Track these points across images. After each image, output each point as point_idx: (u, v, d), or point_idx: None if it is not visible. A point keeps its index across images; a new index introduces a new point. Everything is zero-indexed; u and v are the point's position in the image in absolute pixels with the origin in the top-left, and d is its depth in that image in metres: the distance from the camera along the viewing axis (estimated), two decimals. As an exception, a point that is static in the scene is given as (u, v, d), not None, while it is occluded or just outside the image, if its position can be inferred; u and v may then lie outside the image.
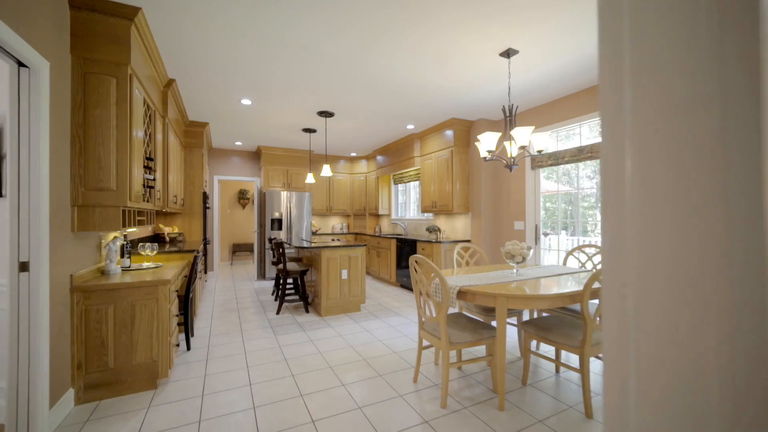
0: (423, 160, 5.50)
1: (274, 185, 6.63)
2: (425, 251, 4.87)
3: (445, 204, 4.93)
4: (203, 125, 4.88)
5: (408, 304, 4.54)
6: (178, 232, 4.58)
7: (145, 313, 2.26)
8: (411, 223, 6.36)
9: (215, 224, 6.69)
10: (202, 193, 4.94)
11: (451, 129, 4.80)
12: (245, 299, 4.86)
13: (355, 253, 4.22)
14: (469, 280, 2.38)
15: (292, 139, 5.95)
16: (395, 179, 7.00)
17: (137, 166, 2.43)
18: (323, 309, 4.02)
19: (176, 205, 4.01)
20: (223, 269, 7.74)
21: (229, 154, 6.85)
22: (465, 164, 4.89)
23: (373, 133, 5.57)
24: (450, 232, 5.30)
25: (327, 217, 7.86)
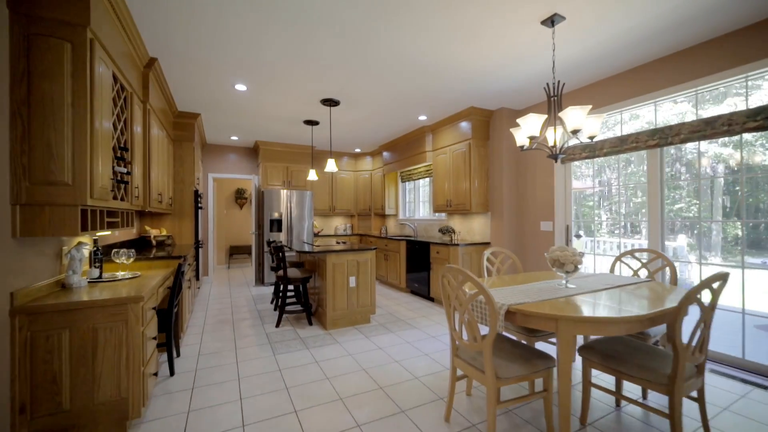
0: (435, 155, 5.04)
1: (273, 183, 6.17)
2: (440, 255, 4.41)
3: (462, 203, 4.48)
4: (194, 116, 4.42)
5: (422, 314, 4.08)
6: (167, 235, 4.12)
7: (111, 339, 1.80)
8: (421, 224, 5.90)
9: (210, 225, 6.23)
10: (193, 191, 4.48)
11: (469, 120, 4.34)
12: (241, 308, 4.40)
13: (364, 258, 3.76)
14: (514, 295, 1.93)
15: (293, 132, 5.49)
16: (403, 177, 6.55)
17: (103, 155, 1.97)
18: (328, 321, 3.56)
19: (162, 205, 3.55)
20: (219, 273, 7.28)
21: (225, 150, 6.39)
22: (484, 159, 4.43)
23: (381, 125, 5.11)
24: (466, 233, 4.84)
25: (330, 217, 7.40)
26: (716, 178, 2.82)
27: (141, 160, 2.85)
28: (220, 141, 6.09)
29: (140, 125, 2.83)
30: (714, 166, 2.84)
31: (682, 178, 3.03)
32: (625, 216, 3.40)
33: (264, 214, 5.88)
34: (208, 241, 6.20)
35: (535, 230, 4.11)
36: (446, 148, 4.79)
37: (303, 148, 6.39)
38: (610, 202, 3.54)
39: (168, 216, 4.33)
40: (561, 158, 2.33)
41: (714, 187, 2.84)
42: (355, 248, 3.71)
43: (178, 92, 3.74)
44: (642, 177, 3.23)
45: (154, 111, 3.23)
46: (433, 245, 4.58)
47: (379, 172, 6.83)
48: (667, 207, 3.06)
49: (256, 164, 6.65)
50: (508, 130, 4.26)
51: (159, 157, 3.46)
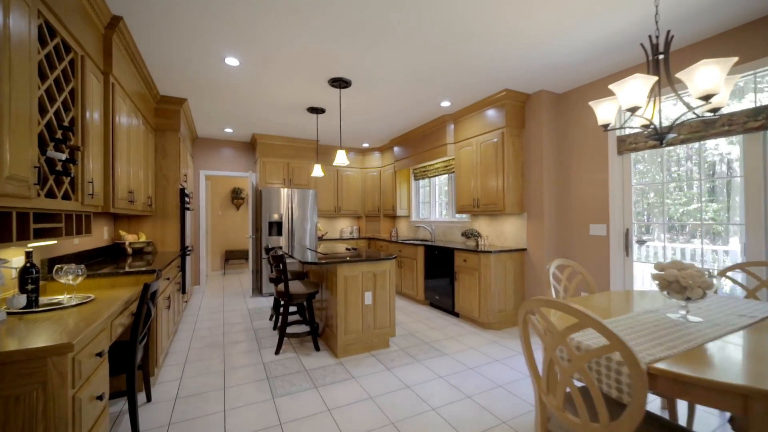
0: (458, 148, 4.40)
1: (273, 181, 5.52)
2: (468, 263, 3.76)
3: (493, 202, 3.83)
4: (179, 102, 3.77)
5: (449, 334, 3.44)
6: (146, 241, 3.47)
7: (19, 413, 1.16)
8: (439, 226, 5.26)
9: (202, 228, 5.58)
10: (179, 189, 3.83)
11: (502, 105, 3.70)
12: (236, 327, 3.75)
13: (382, 269, 3.12)
14: (625, 334, 1.28)
15: (295, 123, 4.84)
16: (416, 174, 5.90)
17: (15, 130, 1.32)
18: (340, 347, 2.92)
19: (136, 206, 2.91)
20: (213, 281, 6.63)
21: (218, 144, 5.74)
22: (519, 150, 3.79)
23: (396, 114, 4.47)
24: (495, 237, 4.19)
25: (335, 219, 6.76)
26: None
27: (100, 147, 2.20)
28: (212, 134, 5.44)
29: (99, 102, 2.18)
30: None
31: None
32: (694, 218, 2.76)
33: (262, 215, 5.23)
34: (199, 247, 5.55)
35: (582, 235, 3.47)
36: (472, 139, 4.14)
37: (305, 142, 5.75)
38: (674, 202, 2.90)
39: (148, 219, 3.69)
40: (668, 139, 1.69)
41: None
42: (371, 257, 3.06)
43: (157, 68, 3.09)
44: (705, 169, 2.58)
45: (124, 90, 2.59)
46: (458, 252, 3.93)
47: (389, 169, 6.19)
48: None
49: (253, 160, 6.01)
50: (548, 116, 3.62)
51: (132, 147, 2.82)
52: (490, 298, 3.55)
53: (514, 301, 3.72)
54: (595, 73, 3.20)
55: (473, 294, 3.69)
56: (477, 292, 3.65)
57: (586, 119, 3.44)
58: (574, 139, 3.55)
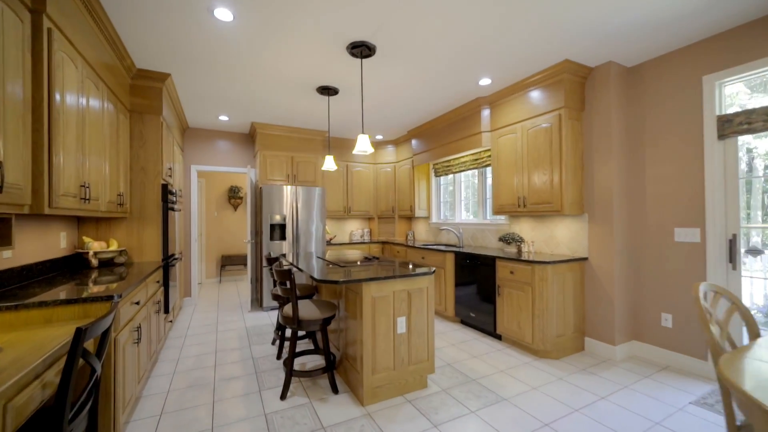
0: (497, 137, 3.70)
1: (275, 178, 4.82)
2: (517, 275, 3.06)
3: (546, 201, 3.13)
4: (161, 77, 3.07)
5: (498, 366, 2.73)
6: (117, 250, 2.77)
7: None
8: (466, 229, 4.56)
9: (194, 231, 4.87)
10: (161, 185, 3.12)
11: (559, 81, 3.01)
12: (231, 354, 3.05)
13: (419, 286, 2.42)
14: None
15: (301, 109, 4.14)
16: (437, 170, 5.21)
17: None
18: (366, 390, 2.21)
19: (91, 204, 2.20)
20: (207, 290, 5.91)
21: (212, 136, 5.04)
22: (578, 138, 3.10)
23: (420, 97, 3.77)
24: (543, 243, 3.49)
25: (343, 220, 6.05)
26: None
27: (19, 126, 1.50)
28: (205, 123, 4.73)
29: (17, 58, 1.48)
30: None
31: None
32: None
33: (262, 217, 4.53)
34: (190, 252, 4.85)
35: (663, 241, 2.78)
36: (516, 125, 3.44)
37: (312, 132, 5.05)
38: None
39: (122, 222, 2.98)
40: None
41: None
42: (407, 274, 2.35)
43: (125, 24, 2.39)
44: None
45: (77, 50, 1.89)
46: (501, 261, 3.23)
47: (406, 164, 5.49)
48: None
49: (252, 154, 5.30)
50: (617, 94, 2.93)
51: (91, 131, 2.11)
52: (548, 319, 2.85)
53: (573, 323, 3.02)
54: (689, 34, 2.51)
55: (524, 314, 2.99)
56: (529, 311, 2.95)
57: (668, 97, 2.74)
58: (651, 123, 2.85)
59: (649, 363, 2.79)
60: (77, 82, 1.94)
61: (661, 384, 2.43)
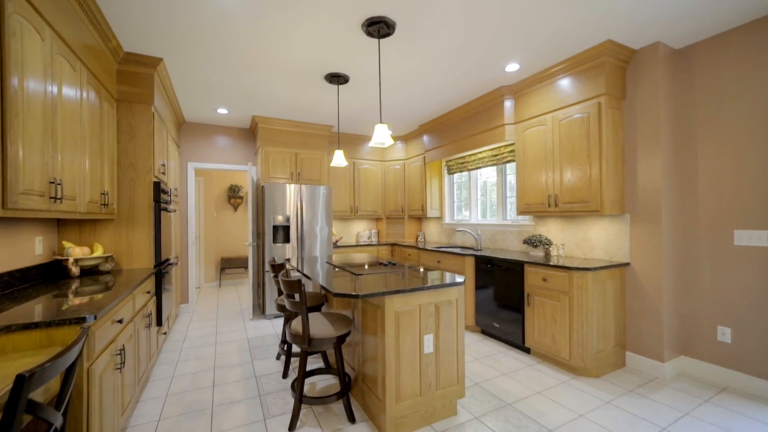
0: (522, 130, 3.37)
1: (277, 176, 4.50)
2: (550, 283, 2.74)
3: (582, 199, 2.81)
4: (152, 63, 2.75)
5: (531, 386, 2.41)
6: (102, 256, 2.45)
7: None
8: (485, 231, 4.23)
9: (191, 233, 4.55)
10: (152, 183, 2.80)
11: (600, 65, 2.68)
12: (231, 372, 2.73)
13: (448, 298, 2.10)
14: None
15: (307, 100, 3.82)
16: (451, 167, 4.88)
17: None
18: (389, 421, 1.89)
19: (64, 205, 1.88)
20: (206, 295, 5.60)
21: (211, 131, 4.71)
22: (618, 129, 2.77)
23: (438, 86, 3.45)
24: (575, 246, 3.17)
25: (350, 221, 5.73)
26: None
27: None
28: (202, 117, 4.41)
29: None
30: None
31: None
32: None
33: (264, 217, 4.21)
34: (188, 256, 4.53)
35: (720, 245, 2.45)
36: (546, 116, 3.12)
37: (318, 127, 4.72)
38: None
39: (109, 224, 2.66)
40: None
41: None
42: (436, 285, 2.03)
43: (113, 4, 2.07)
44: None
45: (45, 20, 1.57)
46: (531, 267, 2.91)
47: (416, 161, 5.16)
48: None
49: (253, 150, 4.98)
50: (665, 80, 2.60)
51: (65, 121, 1.79)
52: (588, 333, 2.53)
53: (614, 336, 2.70)
54: (757, 6, 2.18)
55: (560, 327, 2.67)
56: (566, 324, 2.62)
57: (730, 82, 2.42)
58: (705, 112, 2.53)
59: (704, 383, 2.46)
60: (44, 59, 1.61)
61: (729, 411, 2.11)
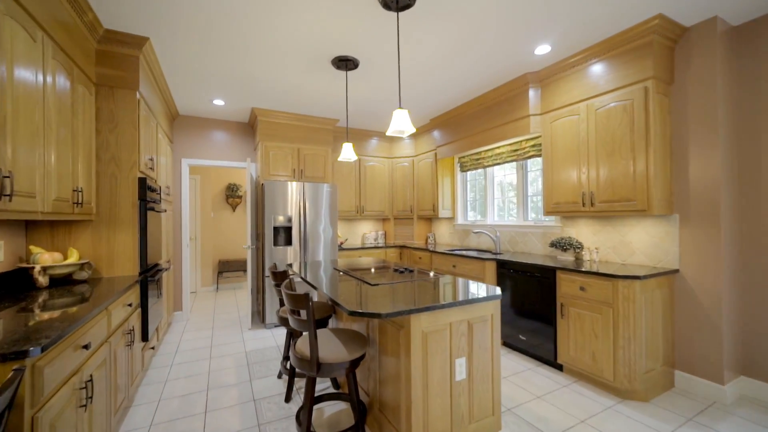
0: (550, 121, 3.05)
1: (278, 173, 4.17)
2: (589, 292, 2.41)
3: (625, 197, 2.48)
4: (138, 42, 2.42)
5: (573, 412, 2.08)
6: (77, 263, 2.12)
7: None
8: (504, 233, 3.90)
9: (185, 235, 4.22)
10: (137, 180, 2.47)
11: (647, 44, 2.35)
12: (226, 394, 2.39)
13: (481, 314, 1.77)
14: None
15: (311, 91, 3.49)
16: (464, 164, 4.56)
17: None
18: (415, 465, 1.56)
19: (15, 204, 1.55)
20: (202, 301, 5.26)
21: (206, 125, 4.38)
22: (666, 117, 2.45)
23: (460, 71, 3.12)
24: (611, 250, 2.84)
25: (355, 222, 5.40)
26: None
27: None
28: (197, 109, 4.08)
29: None
30: None
31: None
32: None
33: (264, 218, 3.88)
34: (181, 259, 4.20)
35: (790, 249, 2.13)
36: (578, 105, 2.79)
37: (322, 121, 4.39)
38: None
39: (87, 226, 2.33)
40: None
41: None
42: (470, 300, 1.71)
43: (82, -38, 1.74)
44: None
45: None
46: (565, 273, 2.58)
47: (426, 158, 4.84)
48: None
49: (252, 146, 4.65)
50: (723, 61, 2.27)
51: (16, 101, 1.47)
52: (636, 351, 2.20)
53: (662, 354, 2.37)
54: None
55: (601, 342, 2.34)
56: (609, 339, 2.29)
57: (799, 60, 2.09)
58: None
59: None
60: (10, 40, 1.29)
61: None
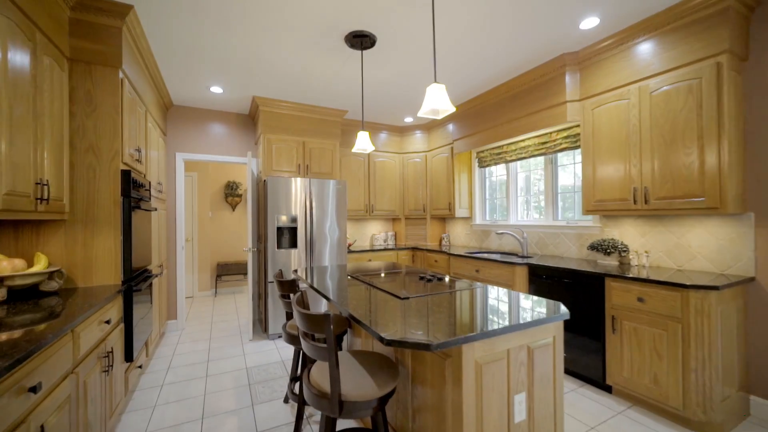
0: (592, 107, 2.69)
1: (282, 169, 3.82)
2: (650, 304, 2.05)
3: (691, 193, 2.12)
4: (120, 10, 2.06)
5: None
6: (46, 271, 1.76)
7: None
8: (531, 234, 3.55)
9: (180, 236, 3.86)
10: (120, 172, 2.12)
11: (723, 10, 1.99)
12: (225, 423, 2.04)
13: (543, 338, 1.42)
14: None
15: (318, 75, 3.13)
16: (481, 159, 4.21)
17: None
18: None
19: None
20: (199, 307, 4.90)
21: (203, 116, 4.03)
22: (741, 99, 2.09)
23: (489, 53, 2.77)
24: (664, 254, 2.48)
25: (364, 221, 5.05)
26: None
27: None
28: (193, 98, 3.72)
29: None
30: None
31: None
32: None
33: (267, 218, 3.53)
34: (176, 263, 3.84)
35: None
36: (629, 87, 2.43)
37: (329, 112, 4.04)
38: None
39: (59, 227, 1.97)
40: None
41: None
42: (531, 322, 1.35)
43: None
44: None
45: None
46: (616, 281, 2.23)
47: (441, 152, 4.48)
48: None
49: (253, 139, 4.30)
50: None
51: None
52: (712, 375, 1.85)
53: (738, 376, 2.02)
54: None
55: (666, 364, 1.98)
56: (677, 361, 1.94)
57: None
58: None
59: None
60: None
61: None
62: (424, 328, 1.22)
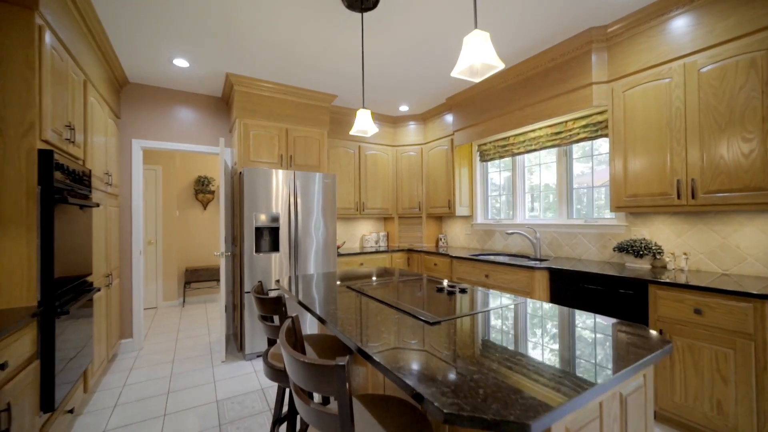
0: (622, 89, 2.36)
1: (261, 159, 3.29)
2: (708, 317, 1.72)
3: (753, 185, 1.81)
4: (33, -70, 1.51)
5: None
6: None
7: None
8: (545, 234, 3.21)
9: (138, 238, 3.25)
10: (35, 152, 1.56)
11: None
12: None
13: (635, 383, 1.02)
14: None
15: (308, 47, 2.65)
16: (483, 152, 3.85)
17: None
18: None
19: None
20: (164, 319, 4.26)
21: (166, 97, 3.43)
22: (807, 76, 1.81)
23: (506, 30, 2.38)
24: (705, 256, 2.18)
25: (354, 221, 4.58)
26: None
27: None
28: (152, 73, 3.13)
29: None
30: None
31: None
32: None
33: (244, 216, 3.00)
34: (131, 271, 3.22)
35: None
36: (668, 65, 2.11)
37: (316, 96, 3.54)
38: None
39: (-60, 226, 1.39)
40: None
41: None
42: (622, 363, 0.96)
43: None
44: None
45: None
46: (663, 289, 1.89)
47: (439, 145, 4.09)
48: None
49: (227, 125, 3.73)
50: None
51: None
52: (793, 404, 1.54)
53: (809, 398, 1.72)
54: None
55: (734, 389, 1.66)
56: (749, 385, 1.62)
57: None
58: None
59: None
60: None
61: None
62: (483, 380, 0.79)
